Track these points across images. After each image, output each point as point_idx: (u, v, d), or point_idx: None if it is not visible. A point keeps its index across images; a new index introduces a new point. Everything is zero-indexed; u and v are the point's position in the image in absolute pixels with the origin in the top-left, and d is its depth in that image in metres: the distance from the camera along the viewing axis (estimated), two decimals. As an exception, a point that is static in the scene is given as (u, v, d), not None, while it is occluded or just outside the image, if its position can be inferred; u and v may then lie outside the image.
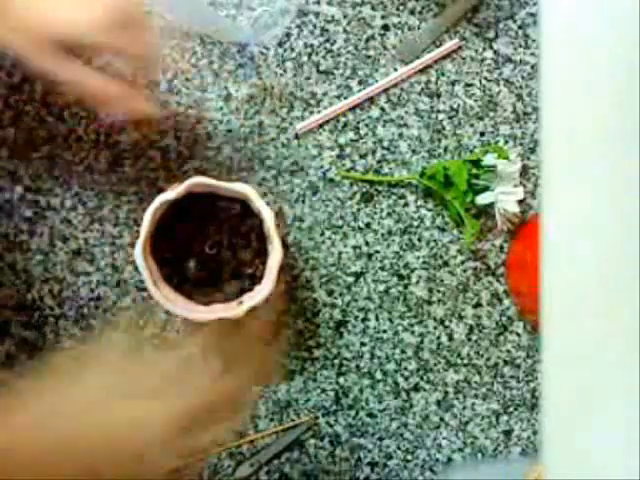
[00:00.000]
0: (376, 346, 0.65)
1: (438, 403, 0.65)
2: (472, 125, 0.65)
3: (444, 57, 0.66)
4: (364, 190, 0.65)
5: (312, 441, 0.65)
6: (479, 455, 0.65)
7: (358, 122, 0.65)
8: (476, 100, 0.66)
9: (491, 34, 0.66)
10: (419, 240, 0.65)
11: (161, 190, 0.61)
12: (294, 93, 0.65)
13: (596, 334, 0.42)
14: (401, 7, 0.66)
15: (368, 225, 0.65)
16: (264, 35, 0.63)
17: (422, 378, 0.65)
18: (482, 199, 0.63)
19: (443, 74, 0.65)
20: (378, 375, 0.65)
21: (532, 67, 0.65)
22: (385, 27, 0.65)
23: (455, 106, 0.65)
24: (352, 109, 0.65)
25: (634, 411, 0.40)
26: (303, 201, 0.65)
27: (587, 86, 0.42)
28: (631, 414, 0.40)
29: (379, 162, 0.65)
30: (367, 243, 0.65)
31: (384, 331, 0.65)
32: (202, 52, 0.65)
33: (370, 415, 0.65)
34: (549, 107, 0.43)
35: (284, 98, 0.65)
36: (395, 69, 0.65)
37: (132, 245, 0.63)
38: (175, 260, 0.60)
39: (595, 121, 0.42)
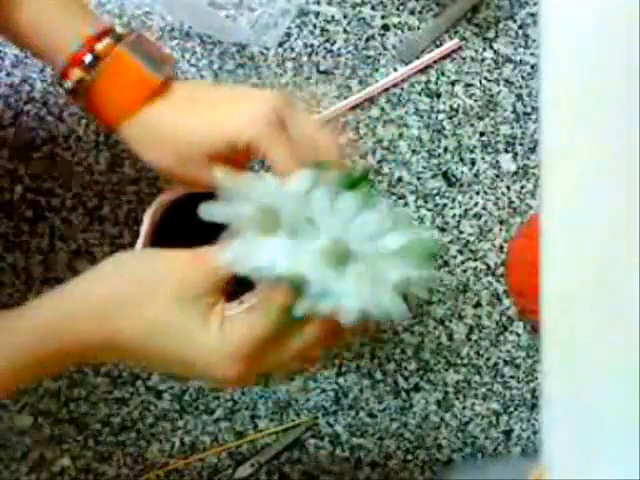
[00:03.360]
0: (376, 346, 0.65)
1: (438, 403, 0.65)
2: (472, 125, 0.65)
3: (444, 57, 0.66)
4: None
5: (312, 441, 0.65)
6: (479, 455, 0.65)
7: (358, 122, 0.65)
8: (476, 100, 0.66)
9: (491, 34, 0.66)
10: (419, 240, 0.65)
11: (161, 190, 0.61)
12: (294, 93, 0.65)
13: (596, 333, 0.42)
14: (401, 7, 0.66)
15: (368, 225, 0.65)
16: (264, 35, 0.63)
17: (422, 378, 0.65)
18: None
19: (443, 74, 0.65)
20: (378, 375, 0.65)
21: (532, 67, 0.65)
22: (385, 27, 0.65)
23: (455, 106, 0.65)
24: (352, 109, 0.65)
25: (634, 411, 0.40)
26: (303, 201, 0.65)
27: (587, 86, 0.42)
28: (631, 414, 0.40)
29: (379, 162, 0.65)
30: (367, 243, 0.65)
31: (384, 331, 0.65)
32: (202, 52, 0.65)
33: (370, 415, 0.65)
34: (549, 107, 0.43)
35: (284, 98, 0.65)
36: (395, 69, 0.65)
37: (132, 245, 0.63)
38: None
39: (595, 121, 0.42)
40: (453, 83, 0.65)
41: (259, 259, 0.40)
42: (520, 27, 0.66)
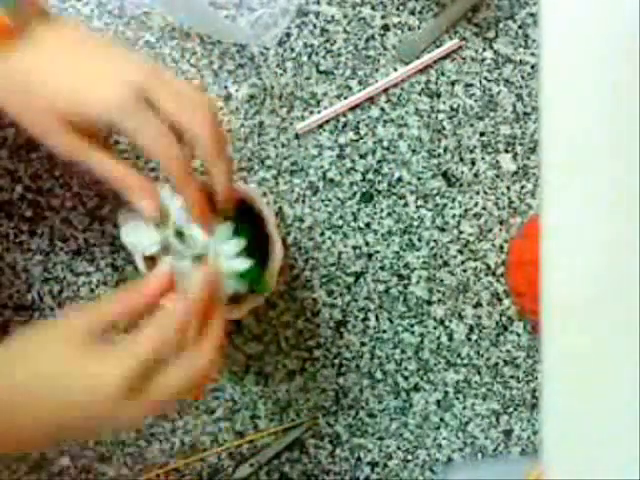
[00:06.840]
0: (376, 346, 0.65)
1: (438, 403, 0.65)
2: (472, 125, 0.65)
3: (444, 57, 0.66)
4: (364, 190, 0.65)
5: (312, 441, 0.65)
6: (479, 455, 0.65)
7: (358, 122, 0.65)
8: (476, 100, 0.66)
9: (491, 34, 0.66)
10: (419, 240, 0.65)
11: (161, 190, 0.61)
12: (294, 93, 0.65)
13: (596, 334, 0.42)
14: (401, 7, 0.66)
15: (368, 225, 0.65)
16: (264, 35, 0.63)
17: (422, 378, 0.65)
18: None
19: (443, 74, 0.65)
20: (378, 375, 0.65)
21: (532, 67, 0.65)
22: (385, 27, 0.65)
23: (455, 106, 0.65)
24: (352, 109, 0.65)
25: (634, 411, 0.40)
26: (303, 201, 0.65)
27: (587, 86, 0.42)
28: (631, 414, 0.40)
29: (379, 162, 0.65)
30: (367, 243, 0.65)
31: (384, 331, 0.65)
32: (202, 52, 0.65)
33: (370, 415, 0.65)
34: (549, 107, 0.43)
35: (284, 98, 0.65)
36: (395, 69, 0.65)
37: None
38: (175, 260, 0.60)
39: (595, 120, 0.42)
40: (453, 83, 0.65)
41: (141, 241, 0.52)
42: (520, 27, 0.66)
